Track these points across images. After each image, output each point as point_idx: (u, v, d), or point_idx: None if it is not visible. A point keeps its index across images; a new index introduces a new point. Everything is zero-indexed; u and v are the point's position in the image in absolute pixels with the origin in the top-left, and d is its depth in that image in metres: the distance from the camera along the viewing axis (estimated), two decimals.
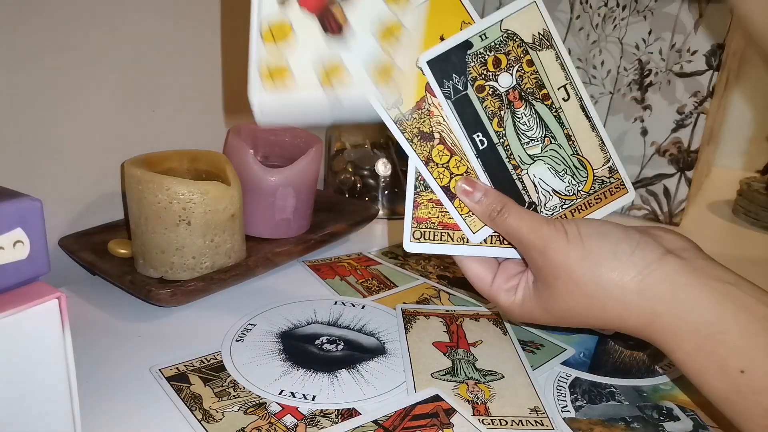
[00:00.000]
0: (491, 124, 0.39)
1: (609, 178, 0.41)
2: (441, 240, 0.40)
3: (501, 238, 0.40)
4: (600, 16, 0.70)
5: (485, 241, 0.40)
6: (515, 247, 0.39)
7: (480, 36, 0.39)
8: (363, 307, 0.51)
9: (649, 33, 0.68)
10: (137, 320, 0.47)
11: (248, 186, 0.55)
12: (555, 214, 0.41)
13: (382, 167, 0.72)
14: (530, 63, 0.39)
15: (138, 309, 0.49)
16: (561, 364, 0.44)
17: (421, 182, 0.40)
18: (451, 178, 0.40)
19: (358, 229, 0.64)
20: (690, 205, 0.75)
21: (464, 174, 0.40)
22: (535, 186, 0.40)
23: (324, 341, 0.45)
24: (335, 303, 0.51)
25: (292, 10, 0.31)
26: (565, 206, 0.41)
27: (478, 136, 0.39)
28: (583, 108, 0.40)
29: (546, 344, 0.47)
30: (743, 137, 1.00)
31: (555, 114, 0.40)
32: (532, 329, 0.48)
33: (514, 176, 0.40)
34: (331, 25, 0.33)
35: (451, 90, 0.39)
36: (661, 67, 0.69)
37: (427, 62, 0.38)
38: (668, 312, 0.32)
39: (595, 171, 0.41)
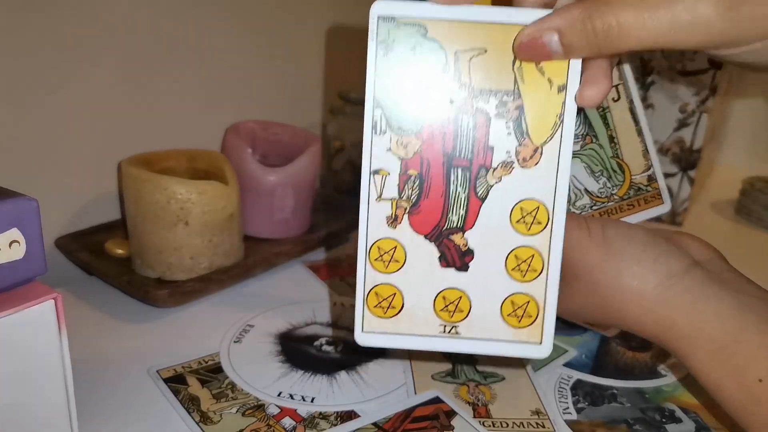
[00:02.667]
0: None
1: (647, 186, 0.40)
2: None
3: None
4: None
5: None
6: None
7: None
8: None
9: None
10: (134, 321, 0.47)
11: (247, 185, 0.55)
12: (583, 213, 0.40)
13: None
14: None
15: (135, 310, 0.48)
16: (563, 365, 0.44)
17: None
18: None
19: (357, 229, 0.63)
20: (693, 205, 0.75)
21: None
22: None
23: (323, 342, 0.45)
24: (334, 304, 0.51)
25: (404, 232, 0.27)
26: (594, 207, 0.39)
27: None
28: (632, 111, 0.39)
29: None
30: (746, 136, 1.00)
31: (602, 113, 0.39)
32: None
33: None
34: (452, 256, 0.28)
35: None
36: (663, 66, 0.69)
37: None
38: (687, 322, 0.32)
39: (633, 177, 0.39)
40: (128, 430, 0.36)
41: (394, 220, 0.28)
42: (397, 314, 0.28)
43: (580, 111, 0.34)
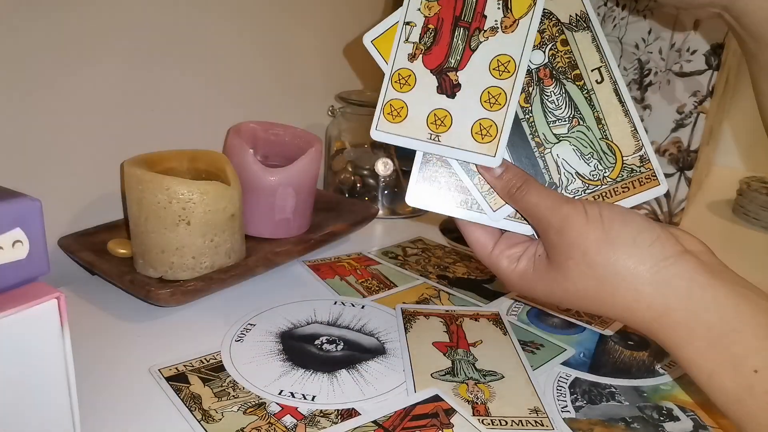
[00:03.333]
0: (518, 99, 0.38)
1: (639, 167, 0.39)
2: (444, 200, 0.40)
3: (516, 213, 0.39)
4: (600, 16, 0.70)
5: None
6: (532, 226, 0.38)
7: None
8: (363, 307, 0.51)
9: (649, 32, 0.68)
10: (137, 320, 0.47)
11: (248, 186, 0.55)
12: (576, 198, 0.39)
13: (382, 167, 0.71)
14: (564, 42, 0.39)
15: (137, 309, 0.49)
16: (561, 364, 0.44)
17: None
18: None
19: (358, 229, 0.64)
20: (690, 205, 0.75)
21: None
22: (558, 166, 0.39)
23: (324, 341, 0.45)
24: (335, 303, 0.51)
25: (417, 65, 0.38)
26: (588, 191, 0.39)
27: None
28: (616, 92, 0.39)
29: (546, 344, 0.47)
30: (743, 137, 1.00)
31: (586, 95, 0.39)
32: (533, 330, 0.48)
33: (537, 154, 0.39)
34: (446, 86, 0.37)
35: None
36: (660, 67, 0.69)
37: None
38: (683, 307, 0.32)
39: (624, 158, 0.39)
40: (130, 428, 0.36)
41: (413, 57, 0.38)
42: (402, 121, 0.38)
43: None
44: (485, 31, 0.38)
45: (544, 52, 0.39)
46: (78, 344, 0.33)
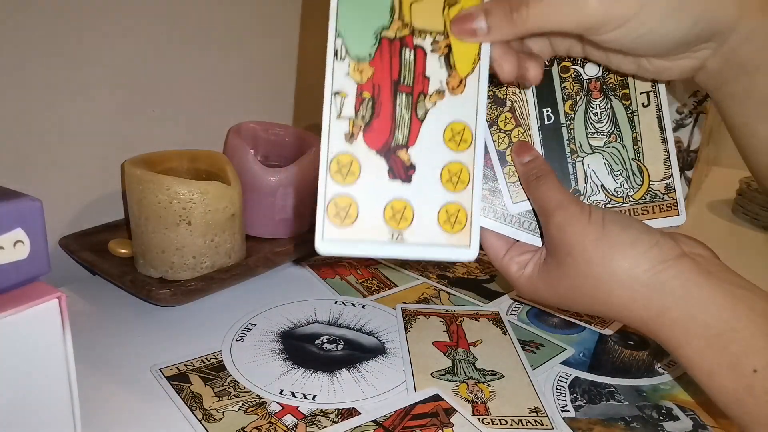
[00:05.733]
0: (564, 104, 0.40)
1: (664, 194, 0.40)
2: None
3: (530, 223, 0.40)
4: None
5: (515, 220, 0.40)
6: (537, 227, 0.39)
7: None
8: (363, 306, 0.51)
9: None
10: (137, 320, 0.47)
11: (248, 186, 0.55)
12: None
13: None
14: None
15: (138, 309, 0.49)
16: (561, 363, 0.44)
17: None
18: (509, 146, 0.40)
19: None
20: (690, 205, 0.75)
21: None
22: (586, 176, 0.40)
23: (324, 341, 0.46)
24: (335, 303, 0.51)
25: (359, 146, 0.31)
26: (609, 205, 0.40)
27: (547, 111, 0.40)
28: (659, 119, 0.40)
29: (546, 344, 0.47)
30: None
31: (629, 115, 0.40)
32: (533, 329, 0.49)
33: (569, 159, 0.40)
34: (398, 169, 0.31)
35: None
36: None
37: None
38: (679, 306, 0.32)
39: (651, 182, 0.40)
40: (131, 427, 0.36)
41: (351, 137, 0.31)
42: (353, 223, 0.31)
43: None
44: (431, 95, 0.32)
45: (600, 66, 0.40)
46: (79, 344, 0.33)
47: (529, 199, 0.39)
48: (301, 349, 0.44)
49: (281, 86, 0.73)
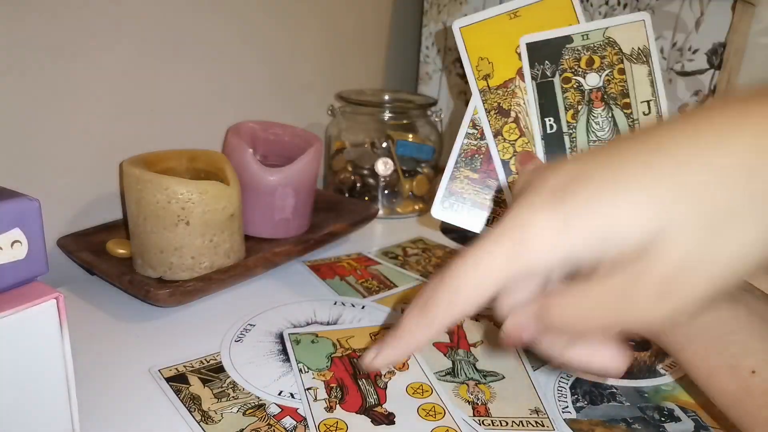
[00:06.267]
0: (566, 114, 0.40)
1: None
2: (467, 215, 0.41)
3: None
4: (601, 15, 0.70)
5: None
6: None
7: (582, 35, 0.40)
8: (363, 307, 0.50)
9: None
10: (136, 320, 0.47)
11: (247, 185, 0.55)
12: None
13: (382, 167, 0.71)
14: (622, 71, 0.40)
15: (137, 309, 0.48)
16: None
17: (464, 159, 0.41)
18: (513, 155, 0.41)
19: (357, 229, 0.63)
20: None
21: None
22: None
23: None
24: (335, 303, 0.51)
25: (340, 412, 0.37)
26: None
27: (549, 120, 0.41)
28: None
29: None
30: None
31: (631, 124, 0.41)
32: None
33: None
34: (379, 419, 0.37)
35: (539, 73, 0.40)
36: (662, 66, 0.69)
37: (527, 43, 0.40)
38: None
39: None
40: (129, 428, 0.36)
41: (329, 409, 0.38)
42: None
43: None
44: (384, 375, 0.41)
45: (601, 76, 0.40)
46: (77, 344, 0.33)
47: None
48: None
49: (281, 85, 0.72)
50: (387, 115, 0.73)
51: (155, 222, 0.48)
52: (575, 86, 0.41)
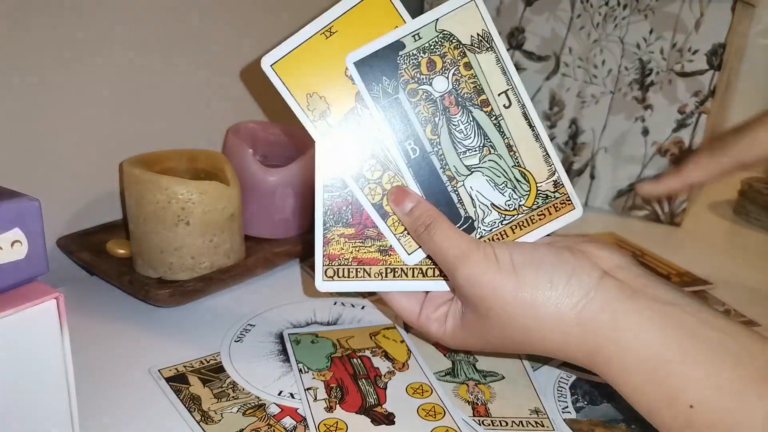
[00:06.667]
0: (424, 131, 0.37)
1: (554, 192, 0.38)
2: (357, 276, 0.38)
3: (433, 270, 0.38)
4: (601, 15, 0.70)
5: (417, 271, 0.38)
6: (441, 272, 0.37)
7: (413, 36, 0.36)
8: (363, 307, 0.50)
9: (650, 32, 0.68)
10: (136, 321, 0.47)
11: (247, 186, 0.55)
12: (494, 230, 0.38)
13: None
14: (468, 66, 0.37)
15: (137, 309, 0.48)
16: (561, 365, 0.44)
17: (331, 216, 0.38)
18: (383, 195, 0.37)
19: None
20: (691, 206, 0.75)
21: None
22: (472, 199, 0.37)
23: None
24: (335, 303, 0.51)
25: (339, 412, 0.36)
26: (505, 222, 0.38)
27: (410, 144, 0.36)
28: (525, 116, 0.37)
29: None
30: None
31: (495, 122, 0.37)
32: None
33: (449, 188, 0.37)
34: (379, 419, 0.36)
35: (381, 93, 0.36)
36: (662, 67, 0.69)
37: (354, 63, 0.35)
38: (611, 342, 0.30)
39: (538, 185, 0.38)
40: (129, 429, 0.36)
41: (329, 409, 0.37)
42: None
43: None
44: (384, 375, 0.40)
45: (447, 78, 0.36)
46: (77, 345, 0.33)
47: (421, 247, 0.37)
48: None
49: None
50: None
51: (155, 222, 0.48)
52: (424, 97, 0.36)
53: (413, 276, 0.38)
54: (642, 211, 0.74)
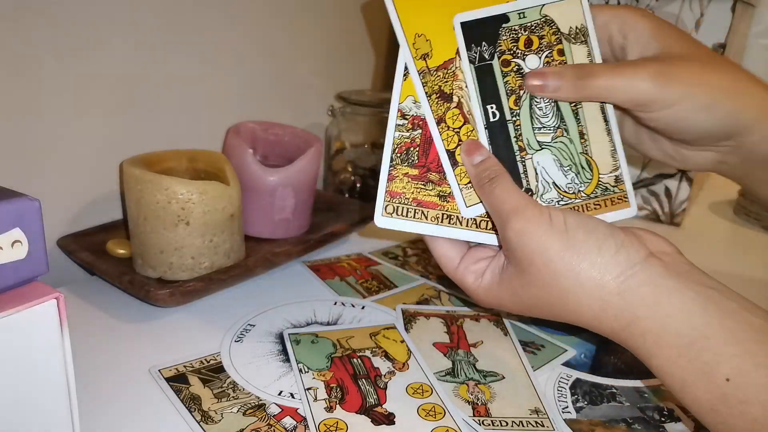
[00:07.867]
0: (508, 99, 0.39)
1: (614, 186, 0.40)
2: (414, 217, 0.39)
3: (487, 223, 0.39)
4: None
5: (471, 221, 0.39)
6: (494, 227, 0.38)
7: (519, 14, 0.38)
8: (363, 307, 0.50)
9: None
10: (136, 320, 0.47)
11: (247, 186, 0.55)
12: None
13: None
14: (561, 52, 0.39)
15: (137, 309, 0.48)
16: (562, 365, 0.44)
17: (399, 155, 0.39)
18: (458, 145, 0.38)
19: (357, 229, 0.63)
20: (691, 205, 0.75)
21: None
22: (536, 173, 0.39)
23: None
24: (335, 303, 0.51)
25: (340, 412, 0.37)
26: (561, 202, 0.39)
27: (492, 107, 0.38)
28: (602, 110, 0.39)
29: (547, 345, 0.46)
30: None
31: (573, 108, 0.39)
32: (533, 329, 0.48)
33: (518, 158, 0.39)
34: (379, 419, 0.37)
35: (477, 56, 0.38)
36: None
37: (461, 23, 0.38)
38: (650, 315, 0.31)
39: (601, 176, 0.40)
40: (129, 429, 0.36)
41: (329, 409, 0.37)
42: None
43: None
44: (384, 375, 0.41)
45: (540, 58, 0.38)
46: (77, 345, 0.33)
47: (482, 202, 0.38)
48: None
49: (280, 86, 0.72)
50: (387, 116, 0.73)
51: (155, 222, 0.48)
52: (515, 69, 0.38)
53: (467, 225, 0.39)
54: (642, 211, 0.74)
